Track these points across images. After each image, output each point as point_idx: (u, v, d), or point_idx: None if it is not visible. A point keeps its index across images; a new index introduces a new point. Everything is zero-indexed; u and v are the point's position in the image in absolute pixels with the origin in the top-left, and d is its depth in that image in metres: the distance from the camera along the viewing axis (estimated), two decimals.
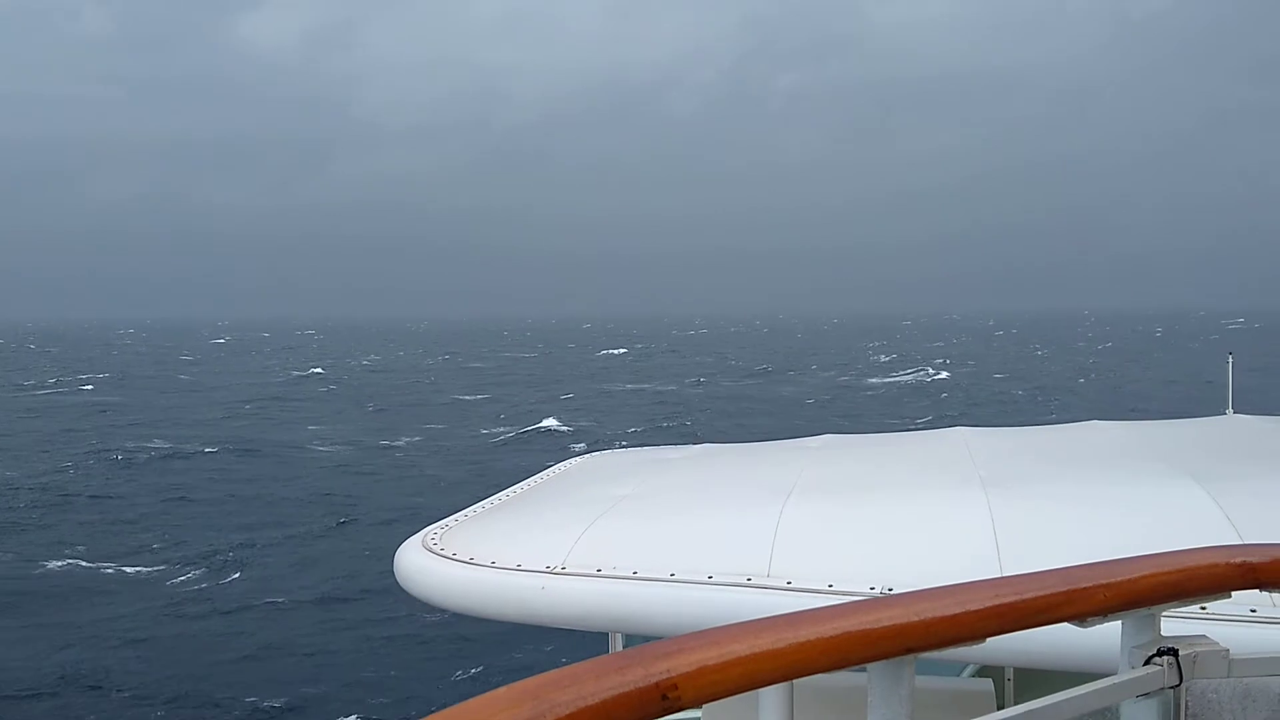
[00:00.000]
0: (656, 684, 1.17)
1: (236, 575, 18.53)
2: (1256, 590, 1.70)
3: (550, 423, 40.53)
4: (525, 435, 38.13)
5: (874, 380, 62.83)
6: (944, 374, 64.58)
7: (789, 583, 2.92)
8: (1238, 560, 1.66)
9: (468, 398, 54.50)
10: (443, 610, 3.51)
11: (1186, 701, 1.61)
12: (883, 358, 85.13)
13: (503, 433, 38.92)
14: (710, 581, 2.99)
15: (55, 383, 64.78)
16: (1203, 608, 2.33)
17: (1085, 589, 1.51)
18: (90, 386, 62.20)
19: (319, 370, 75.82)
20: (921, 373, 66.40)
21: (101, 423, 42.35)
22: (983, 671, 4.55)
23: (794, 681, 1.47)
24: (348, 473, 29.82)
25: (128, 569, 19.05)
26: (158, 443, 35.17)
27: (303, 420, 43.25)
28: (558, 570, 3.21)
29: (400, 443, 36.45)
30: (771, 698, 1.48)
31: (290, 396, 55.22)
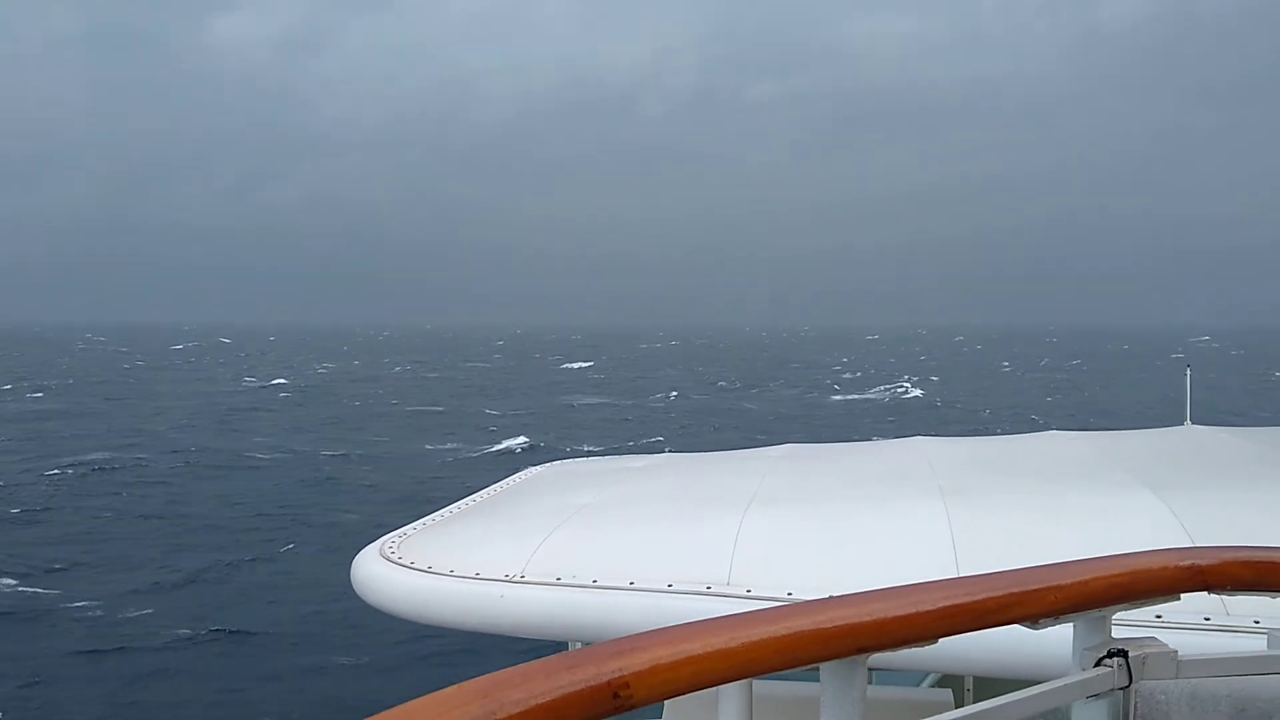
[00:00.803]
0: (608, 682, 1.19)
1: (149, 611, 17.20)
2: (1205, 593, 1.75)
3: (507, 439, 40.22)
4: (479, 451, 37.75)
5: (844, 397, 63.18)
6: (917, 391, 65.04)
7: (748, 591, 2.96)
8: (1186, 563, 1.72)
9: (422, 409, 53.99)
10: (400, 619, 3.51)
11: (1136, 703, 1.66)
12: (852, 374, 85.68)
13: (455, 449, 38.45)
14: (670, 590, 3.02)
15: (1, 391, 63.31)
16: (1158, 615, 2.40)
17: (1036, 590, 1.55)
18: (40, 394, 60.77)
19: (270, 380, 74.80)
20: (893, 390, 66.92)
21: (45, 434, 41.34)
22: (943, 681, 4.62)
23: (754, 689, 1.50)
24: (288, 489, 29.02)
25: (29, 591, 18.03)
26: (98, 455, 34.38)
27: (247, 432, 42.45)
28: (517, 579, 3.23)
29: (343, 456, 35.77)
30: (730, 700, 1.50)
31: (240, 407, 54.39)
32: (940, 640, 1.46)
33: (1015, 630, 1.61)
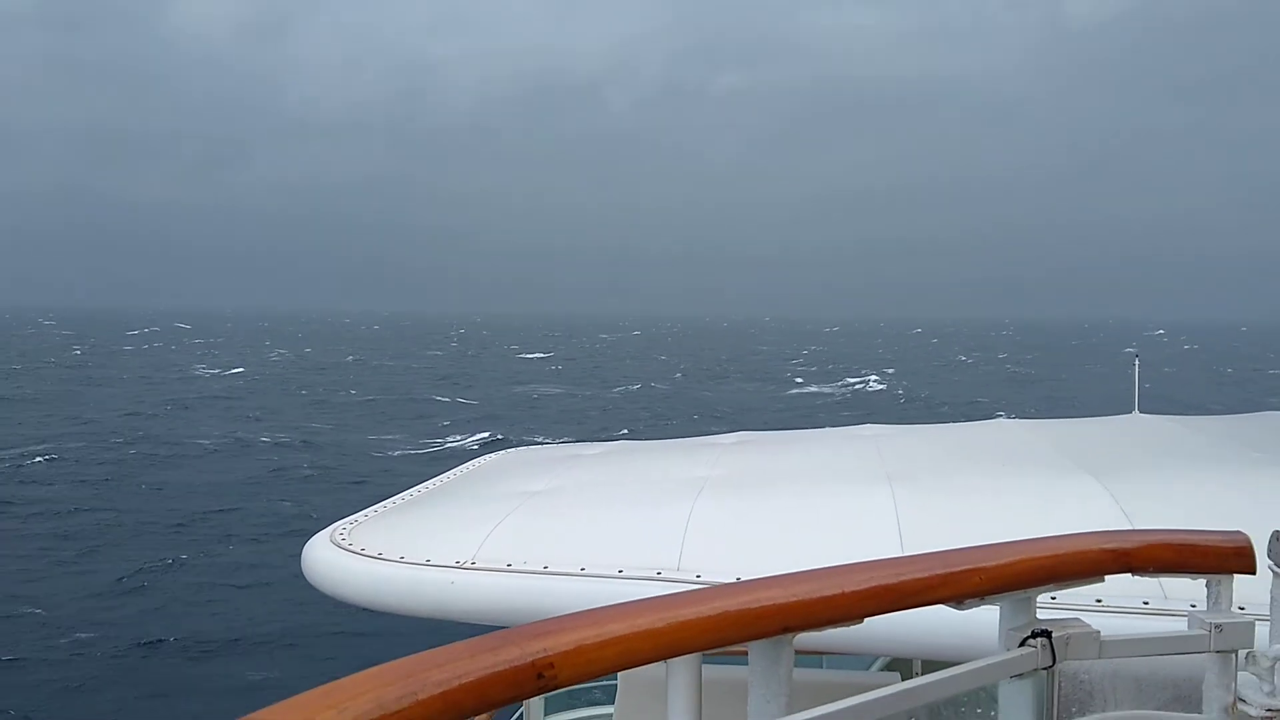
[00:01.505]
0: (533, 663, 1.21)
1: (58, 615, 15.96)
2: (1129, 575, 1.80)
3: (463, 429, 39.95)
4: (431, 442, 37.27)
5: (804, 390, 63.53)
6: (878, 386, 65.31)
7: (698, 576, 2.99)
8: (1110, 546, 1.77)
9: (375, 399, 53.35)
10: (351, 605, 3.51)
11: (1059, 682, 1.71)
12: (813, 367, 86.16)
13: (405, 440, 37.92)
14: (620, 575, 3.05)
15: None
16: (1098, 600, 2.46)
17: (961, 572, 1.59)
18: None
19: (225, 370, 73.69)
20: (854, 382, 67.37)
21: None
22: (892, 665, 4.72)
23: (703, 667, 1.52)
24: (227, 485, 27.91)
25: None
26: (35, 446, 33.19)
27: (192, 423, 41.37)
28: (468, 565, 3.24)
29: (287, 448, 34.95)
30: (679, 676, 1.52)
31: (188, 397, 53.30)
32: (866, 620, 1.50)
33: (942, 611, 1.65)
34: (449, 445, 36.32)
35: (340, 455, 33.91)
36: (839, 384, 66.33)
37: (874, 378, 69.86)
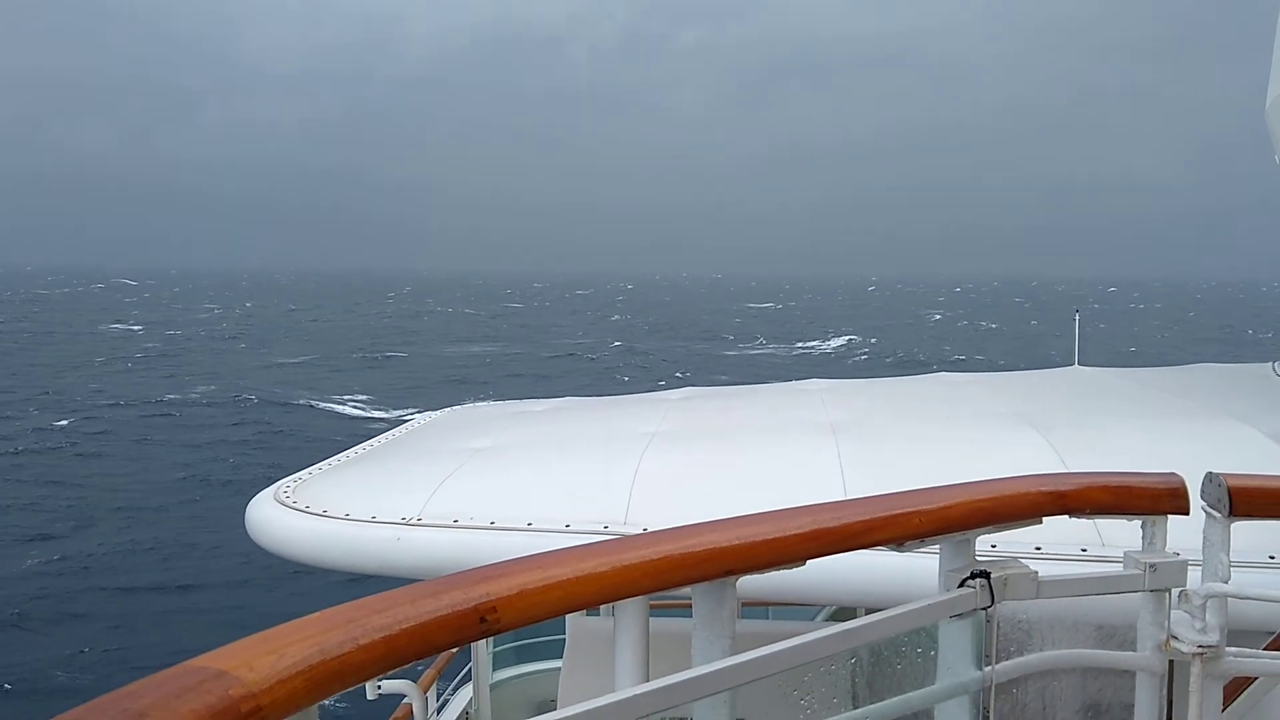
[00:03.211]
0: (475, 607, 1.23)
1: None
2: (1065, 516, 1.87)
3: (396, 393, 39.42)
4: (371, 403, 36.83)
5: (764, 350, 63.72)
6: (840, 344, 65.73)
7: (646, 529, 3.03)
8: (1047, 489, 1.83)
9: (303, 359, 52.49)
10: (296, 563, 3.51)
11: (998, 622, 1.77)
12: (771, 325, 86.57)
13: (338, 399, 37.43)
14: (568, 530, 3.09)
15: None
16: (1037, 548, 2.54)
17: (901, 514, 1.64)
18: None
19: (153, 328, 72.31)
20: (811, 341, 67.82)
21: None
22: (838, 615, 4.84)
23: (650, 610, 1.56)
24: (141, 446, 26.89)
25: None
26: None
27: (89, 381, 40.51)
28: (413, 522, 3.25)
29: (204, 409, 33.99)
30: (626, 621, 1.55)
31: (95, 354, 51.83)
32: (808, 563, 1.54)
33: (883, 554, 1.70)
34: (388, 404, 35.97)
35: (275, 414, 33.41)
36: (796, 343, 66.77)
37: (839, 339, 70.24)
